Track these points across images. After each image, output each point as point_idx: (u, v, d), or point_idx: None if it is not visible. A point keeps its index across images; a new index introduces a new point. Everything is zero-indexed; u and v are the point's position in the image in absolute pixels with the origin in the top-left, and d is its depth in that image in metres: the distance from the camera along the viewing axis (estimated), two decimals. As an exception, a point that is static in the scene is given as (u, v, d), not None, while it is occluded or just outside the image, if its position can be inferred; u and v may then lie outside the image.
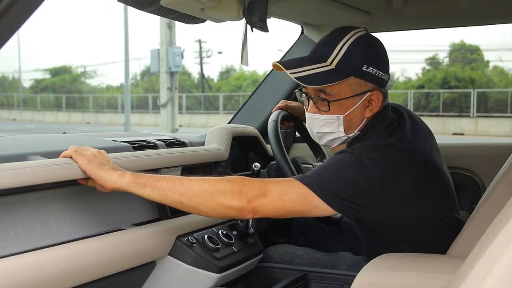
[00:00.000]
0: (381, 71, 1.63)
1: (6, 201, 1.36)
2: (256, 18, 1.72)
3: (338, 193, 1.47)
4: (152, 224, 1.66)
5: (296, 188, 1.47)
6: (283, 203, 1.45)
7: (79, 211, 1.54)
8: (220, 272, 1.70)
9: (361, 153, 1.54)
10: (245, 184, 1.44)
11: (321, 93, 1.62)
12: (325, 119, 1.65)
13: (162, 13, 1.84)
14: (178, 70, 14.24)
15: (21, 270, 1.23)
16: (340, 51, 1.60)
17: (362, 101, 1.63)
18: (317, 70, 1.60)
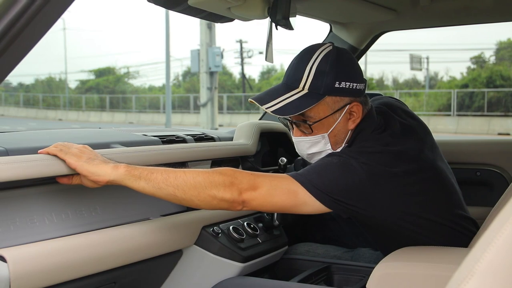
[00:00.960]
0: (354, 82, 1.63)
1: (42, 190, 1.45)
2: (279, 16, 1.77)
3: (328, 191, 1.50)
4: (179, 215, 1.74)
5: (286, 184, 1.50)
6: (272, 198, 1.48)
7: (110, 202, 1.63)
8: (244, 261, 1.76)
9: (349, 155, 1.56)
10: (237, 177, 1.46)
11: (301, 117, 1.64)
12: (310, 140, 1.67)
13: (190, 13, 1.91)
14: (218, 70, 14.37)
15: (51, 253, 1.31)
16: (310, 73, 1.61)
17: (343, 115, 1.64)
18: (291, 98, 1.61)
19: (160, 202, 1.77)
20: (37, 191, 1.45)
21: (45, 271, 1.29)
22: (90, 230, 1.50)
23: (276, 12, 1.79)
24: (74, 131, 1.82)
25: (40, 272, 1.28)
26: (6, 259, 1.21)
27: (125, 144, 1.73)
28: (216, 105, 14.60)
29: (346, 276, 1.91)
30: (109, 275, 1.50)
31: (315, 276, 1.85)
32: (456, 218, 1.69)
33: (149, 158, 1.65)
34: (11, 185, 1.35)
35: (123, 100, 39.13)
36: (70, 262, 1.35)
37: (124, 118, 33.94)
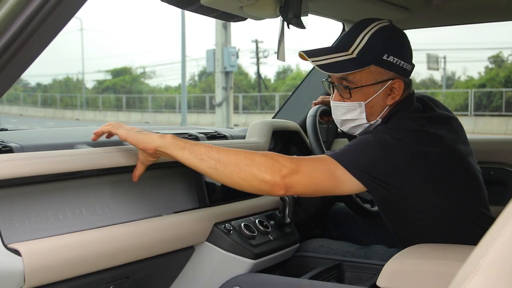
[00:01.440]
0: (402, 60, 1.67)
1: (56, 187, 1.48)
2: (291, 15, 1.78)
3: (366, 169, 1.51)
4: (191, 211, 1.76)
5: (326, 165, 1.50)
6: (314, 180, 1.47)
7: (123, 198, 1.65)
8: (256, 258, 1.78)
9: (384, 132, 1.58)
10: (279, 160, 1.46)
11: (344, 81, 1.69)
12: (347, 106, 1.71)
13: (203, 12, 1.92)
14: (233, 70, 14.40)
15: (65, 248, 1.34)
16: (362, 41, 1.66)
17: (384, 89, 1.68)
18: (338, 59, 1.66)
19: (173, 199, 1.80)
20: (51, 187, 1.47)
21: (59, 265, 1.31)
22: (103, 226, 1.52)
23: (287, 11, 1.80)
24: (86, 129, 1.84)
25: (54, 266, 1.30)
26: (21, 253, 1.23)
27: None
28: (231, 105, 14.64)
29: (358, 274, 1.91)
30: (122, 270, 1.52)
31: (326, 274, 1.86)
32: (481, 216, 1.69)
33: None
34: (26, 181, 1.38)
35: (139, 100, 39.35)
36: (83, 257, 1.38)
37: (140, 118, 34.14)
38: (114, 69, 48.55)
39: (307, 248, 2.10)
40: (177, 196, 1.82)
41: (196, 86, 44.66)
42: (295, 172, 1.45)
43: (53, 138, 1.59)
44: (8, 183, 1.31)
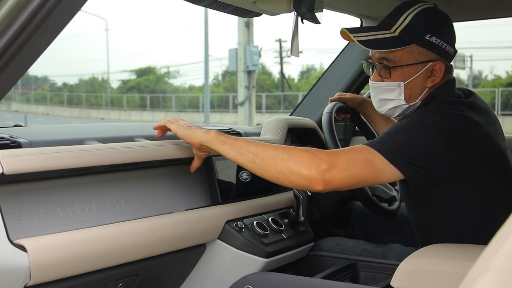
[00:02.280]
0: (445, 42, 1.65)
1: (66, 183, 1.47)
2: (304, 9, 1.75)
3: (404, 156, 1.48)
4: (202, 209, 1.74)
5: (363, 155, 1.48)
6: (352, 172, 1.45)
7: (135, 195, 1.64)
8: (268, 257, 1.75)
9: (423, 116, 1.56)
10: (316, 155, 1.44)
11: (384, 60, 1.68)
12: (386, 86, 1.70)
13: (216, 7, 1.91)
14: (256, 69, 14.38)
15: (72, 244, 1.33)
16: (405, 20, 1.66)
17: (424, 70, 1.66)
18: (379, 36, 1.67)
19: (185, 197, 1.78)
20: (61, 183, 1.46)
21: (66, 262, 1.30)
22: (113, 222, 1.51)
23: (301, 5, 1.77)
24: (98, 125, 1.84)
25: (61, 262, 1.29)
26: (27, 248, 1.22)
27: (150, 138, 1.74)
28: (254, 104, 14.61)
29: (373, 274, 1.88)
30: (132, 267, 1.51)
31: (340, 273, 1.82)
32: None
33: (169, 152, 1.65)
34: (36, 177, 1.38)
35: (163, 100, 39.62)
36: (91, 253, 1.36)
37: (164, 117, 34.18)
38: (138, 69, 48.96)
39: (322, 246, 2.06)
40: (189, 193, 1.80)
41: (219, 86, 44.78)
42: (333, 166, 1.43)
43: (63, 134, 1.59)
44: (16, 178, 1.30)
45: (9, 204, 1.30)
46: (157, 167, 1.71)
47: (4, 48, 1.09)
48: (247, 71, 13.96)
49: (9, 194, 1.32)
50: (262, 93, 33.35)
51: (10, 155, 1.26)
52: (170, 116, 25.41)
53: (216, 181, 1.80)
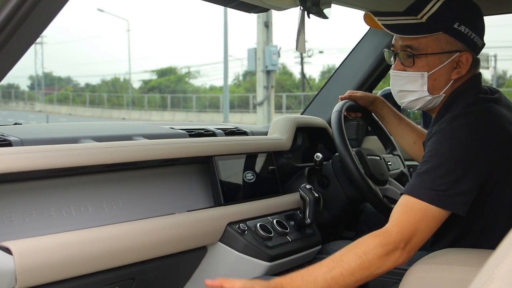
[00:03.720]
0: (474, 33, 1.55)
1: (60, 183, 1.43)
2: (309, 3, 1.68)
3: (453, 195, 1.40)
4: (203, 210, 1.68)
5: (417, 212, 1.40)
6: (422, 233, 1.39)
7: (134, 196, 1.59)
8: (271, 260, 1.68)
9: (456, 127, 1.45)
10: (386, 242, 1.37)
11: (408, 48, 1.58)
12: (408, 76, 1.59)
13: (221, 2, 1.85)
14: (275, 68, 14.27)
15: (62, 247, 1.28)
16: (434, 6, 1.56)
17: (450, 61, 1.55)
18: (406, 22, 1.57)
19: (187, 197, 1.73)
20: (55, 183, 1.42)
21: (54, 265, 1.25)
22: (109, 224, 1.46)
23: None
24: (96, 123, 1.79)
25: (49, 265, 1.24)
26: (12, 251, 1.18)
27: (149, 136, 1.68)
28: (273, 104, 14.51)
29: (382, 279, 1.79)
30: (127, 270, 1.46)
31: (347, 278, 1.74)
32: None
33: (171, 152, 1.59)
34: (27, 176, 1.33)
35: (183, 100, 39.72)
36: (82, 256, 1.31)
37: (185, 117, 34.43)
38: (159, 69, 49.20)
39: (329, 250, 1.99)
40: (191, 194, 1.75)
41: (240, 86, 44.78)
42: (404, 241, 1.38)
43: (58, 132, 1.54)
44: (5, 178, 1.26)
45: (1, 205, 1.26)
46: (157, 167, 1.66)
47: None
48: (266, 71, 13.87)
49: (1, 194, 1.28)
50: (283, 93, 33.24)
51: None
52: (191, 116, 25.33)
53: (218, 182, 1.74)
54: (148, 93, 44.33)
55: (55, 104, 48.59)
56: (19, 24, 1.04)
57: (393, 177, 2.29)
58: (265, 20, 13.73)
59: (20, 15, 1.03)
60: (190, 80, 49.76)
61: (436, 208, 1.39)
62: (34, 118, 33.66)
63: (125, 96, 44.08)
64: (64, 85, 58.64)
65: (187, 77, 49.53)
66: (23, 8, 1.01)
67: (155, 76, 49.48)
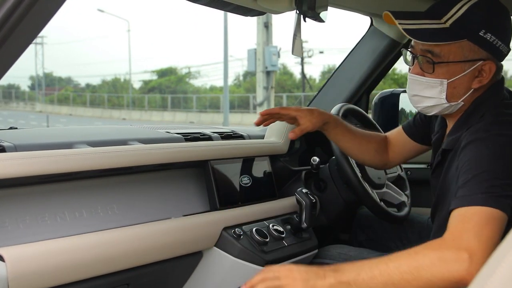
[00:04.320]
0: (500, 40, 1.48)
1: (55, 188, 1.42)
2: (305, 7, 1.68)
3: (494, 190, 1.30)
4: (198, 215, 1.68)
5: (479, 219, 1.27)
6: (486, 243, 1.22)
7: (129, 201, 1.58)
8: (267, 265, 1.68)
9: (494, 135, 1.39)
10: (441, 256, 1.21)
11: (428, 53, 1.50)
12: (427, 82, 1.52)
13: (216, 5, 1.83)
14: (275, 69, 14.31)
15: (55, 253, 1.27)
16: (459, 10, 1.48)
17: (472, 70, 1.49)
18: (428, 26, 1.49)
19: (182, 202, 1.72)
20: (50, 189, 1.42)
21: (47, 271, 1.25)
22: (104, 229, 1.45)
23: (302, 3, 1.70)
24: (92, 127, 1.79)
25: (42, 272, 1.24)
26: (4, 258, 1.17)
27: (144, 141, 1.68)
28: (273, 105, 14.53)
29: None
30: (121, 276, 1.45)
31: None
32: None
33: (166, 156, 1.59)
34: (21, 182, 1.33)
35: (184, 100, 39.71)
36: (76, 262, 1.31)
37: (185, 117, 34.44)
38: (160, 70, 49.23)
39: (324, 255, 1.98)
40: (187, 199, 1.75)
41: (240, 86, 44.79)
42: (466, 250, 1.21)
43: (53, 137, 1.54)
44: (0, 184, 1.25)
45: (-9, 211, 1.25)
46: (152, 171, 1.66)
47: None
48: (266, 72, 13.90)
49: (-8, 200, 1.27)
50: (283, 93, 33.23)
51: (-10, 160, 1.21)
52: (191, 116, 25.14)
53: (214, 186, 1.74)
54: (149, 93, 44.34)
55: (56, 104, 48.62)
56: (18, 22, 1.03)
57: (391, 180, 2.29)
58: (265, 21, 13.76)
59: (18, 13, 1.02)
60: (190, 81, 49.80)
61: (493, 210, 1.28)
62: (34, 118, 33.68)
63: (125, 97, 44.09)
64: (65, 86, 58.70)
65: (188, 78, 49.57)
66: (21, 6, 1.01)
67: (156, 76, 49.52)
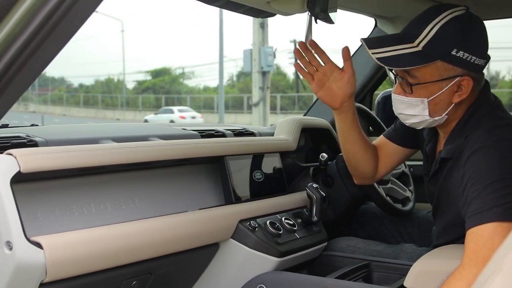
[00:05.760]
0: (474, 55, 1.52)
1: (82, 182, 1.49)
2: (318, 9, 1.75)
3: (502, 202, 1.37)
4: (216, 208, 1.75)
5: (491, 234, 1.34)
6: None
7: (149, 194, 1.65)
8: (281, 256, 1.75)
9: (498, 139, 1.45)
10: (460, 279, 1.32)
11: (406, 75, 1.56)
12: (409, 101, 1.59)
13: (230, 7, 1.91)
14: (270, 69, 14.39)
15: (87, 242, 1.34)
16: (430, 32, 1.53)
17: (450, 87, 1.54)
18: (401, 52, 1.54)
19: (198, 196, 1.79)
20: (77, 182, 1.48)
21: (81, 259, 1.32)
22: (127, 221, 1.52)
23: (314, 5, 1.77)
24: (113, 124, 1.86)
25: (76, 259, 1.31)
26: (43, 246, 1.24)
27: (164, 137, 1.75)
28: (268, 105, 14.62)
29: (386, 274, 1.87)
30: (145, 266, 1.52)
31: (353, 273, 1.82)
32: None
33: (186, 151, 1.66)
34: (51, 175, 1.39)
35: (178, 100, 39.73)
36: (105, 251, 1.38)
37: (179, 118, 34.41)
38: (153, 70, 49.18)
39: (333, 247, 2.06)
40: (203, 193, 1.82)
41: (234, 87, 44.82)
42: None
43: (78, 133, 1.61)
44: (32, 176, 1.32)
45: (25, 202, 1.32)
46: (170, 166, 1.73)
47: (20, 49, 1.10)
48: (262, 72, 13.97)
49: (25, 192, 1.34)
50: (277, 94, 33.30)
51: (27, 154, 1.28)
52: (185, 116, 24.60)
53: (230, 181, 1.81)
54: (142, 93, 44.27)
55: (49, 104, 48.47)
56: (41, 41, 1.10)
57: (395, 176, 2.37)
58: (261, 22, 13.82)
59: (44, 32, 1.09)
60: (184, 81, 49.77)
61: (505, 223, 1.34)
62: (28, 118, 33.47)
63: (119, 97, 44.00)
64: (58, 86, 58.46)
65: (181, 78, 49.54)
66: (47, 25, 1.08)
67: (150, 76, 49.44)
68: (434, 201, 1.77)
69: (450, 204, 1.65)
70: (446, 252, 1.57)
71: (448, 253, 1.56)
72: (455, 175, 1.58)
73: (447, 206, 1.69)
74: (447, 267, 1.44)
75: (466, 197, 1.46)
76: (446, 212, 1.71)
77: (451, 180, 1.61)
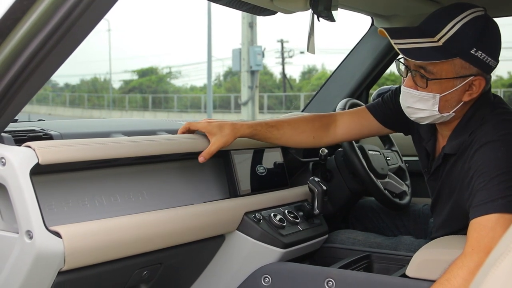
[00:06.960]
0: (490, 57, 1.57)
1: (93, 174, 1.53)
2: (321, 7, 1.80)
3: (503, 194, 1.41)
4: (222, 201, 1.79)
5: (494, 226, 1.38)
6: None
7: (156, 187, 1.69)
8: (285, 247, 1.80)
9: (505, 133, 1.50)
10: (461, 266, 1.37)
11: (422, 69, 1.58)
12: (420, 96, 1.60)
13: (234, 5, 1.96)
14: (259, 69, 14.45)
15: (103, 232, 1.38)
16: (452, 29, 1.55)
17: (463, 85, 1.58)
18: (422, 45, 1.56)
19: (204, 189, 1.84)
20: (89, 175, 1.52)
21: (97, 248, 1.36)
22: (136, 212, 1.56)
23: (318, 3, 1.82)
24: (121, 119, 1.90)
25: (92, 248, 1.35)
26: (62, 235, 1.28)
27: (171, 132, 1.80)
28: (257, 104, 14.68)
29: (386, 265, 1.92)
30: (156, 256, 1.57)
31: (354, 264, 1.87)
32: None
33: (193, 146, 1.70)
34: (65, 168, 1.43)
35: (165, 100, 39.62)
36: (120, 241, 1.42)
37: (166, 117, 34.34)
38: (140, 69, 48.95)
39: (334, 239, 2.11)
40: (208, 186, 1.86)
41: (221, 86, 44.81)
42: None
43: (90, 127, 1.65)
44: (48, 168, 1.35)
45: (43, 193, 1.35)
46: (177, 160, 1.77)
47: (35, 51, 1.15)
48: (251, 71, 14.02)
49: (41, 184, 1.37)
50: (264, 93, 33.37)
51: (45, 146, 1.32)
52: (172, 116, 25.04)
53: (235, 174, 1.85)
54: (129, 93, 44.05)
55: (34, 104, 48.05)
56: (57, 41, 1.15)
57: (392, 171, 2.43)
58: (250, 21, 13.87)
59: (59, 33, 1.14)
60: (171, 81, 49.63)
61: (508, 215, 1.39)
62: (13, 118, 33.18)
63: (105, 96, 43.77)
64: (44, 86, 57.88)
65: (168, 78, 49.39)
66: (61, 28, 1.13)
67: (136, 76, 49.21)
68: (434, 195, 1.82)
69: (451, 198, 1.71)
70: (447, 242, 1.63)
71: (449, 242, 1.61)
72: (458, 170, 1.63)
73: (447, 200, 1.74)
74: (448, 256, 1.50)
75: (472, 189, 1.50)
76: (446, 206, 1.77)
77: (454, 175, 1.66)
